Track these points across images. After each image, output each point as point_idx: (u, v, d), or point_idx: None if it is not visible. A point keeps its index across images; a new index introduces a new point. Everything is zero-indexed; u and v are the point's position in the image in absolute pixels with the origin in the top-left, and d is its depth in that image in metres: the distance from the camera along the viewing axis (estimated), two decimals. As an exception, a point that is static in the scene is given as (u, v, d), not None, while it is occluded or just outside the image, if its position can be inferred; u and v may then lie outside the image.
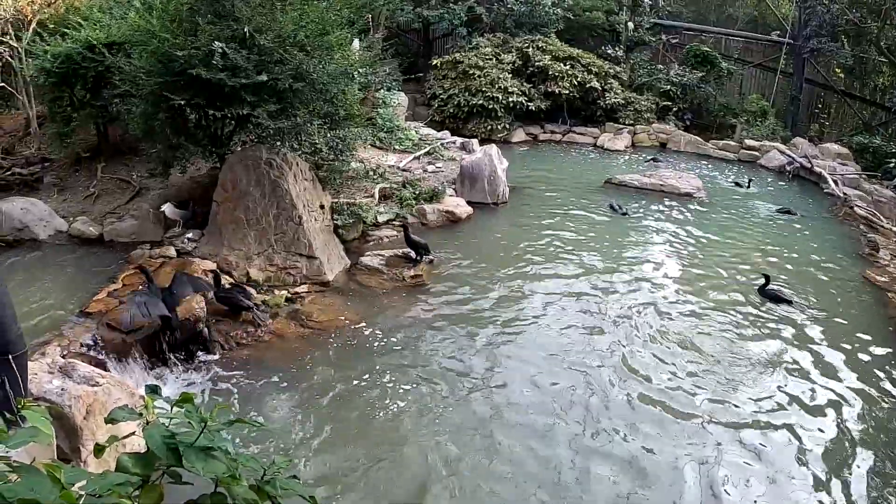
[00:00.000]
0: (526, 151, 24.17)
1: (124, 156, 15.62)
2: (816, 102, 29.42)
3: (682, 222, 16.92)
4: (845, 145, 24.34)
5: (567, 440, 8.68)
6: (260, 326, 10.78)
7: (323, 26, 12.15)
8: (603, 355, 10.61)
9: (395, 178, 16.78)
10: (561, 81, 25.30)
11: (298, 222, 12.42)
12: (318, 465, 8.10)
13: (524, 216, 16.70)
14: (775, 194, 20.43)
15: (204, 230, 12.82)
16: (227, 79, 11.05)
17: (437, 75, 26.30)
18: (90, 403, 6.61)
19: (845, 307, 12.93)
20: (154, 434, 2.71)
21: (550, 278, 13.22)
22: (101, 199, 14.51)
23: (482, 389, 9.67)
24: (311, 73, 11.82)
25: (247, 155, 12.69)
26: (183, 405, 2.87)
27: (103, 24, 13.87)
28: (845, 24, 26.17)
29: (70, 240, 13.47)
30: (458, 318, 11.58)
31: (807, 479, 8.27)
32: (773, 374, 10.45)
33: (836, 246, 16.28)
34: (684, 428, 9.01)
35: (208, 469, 2.69)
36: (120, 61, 12.08)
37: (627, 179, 19.63)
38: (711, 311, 12.33)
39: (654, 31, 29.47)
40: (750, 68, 29.58)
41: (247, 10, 11.36)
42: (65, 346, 9.21)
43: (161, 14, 11.78)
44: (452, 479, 7.99)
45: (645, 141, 25.64)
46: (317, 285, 12.32)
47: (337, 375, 9.84)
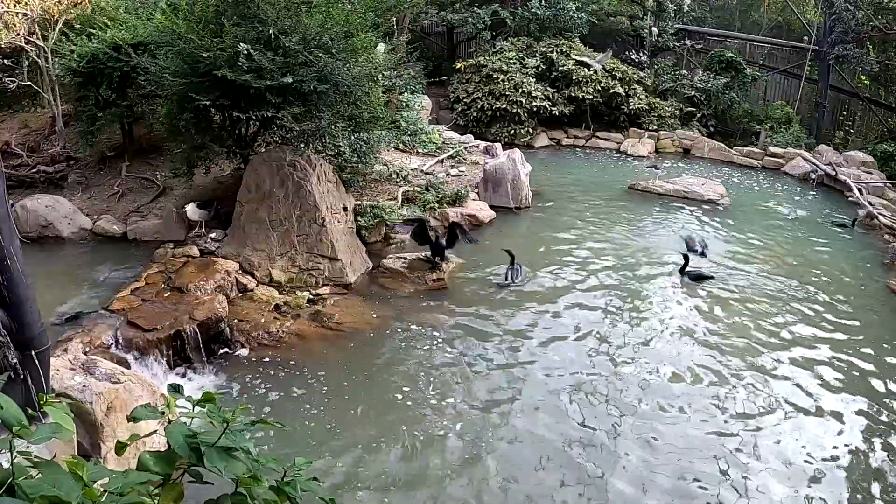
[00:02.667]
0: (549, 156, 24.11)
1: (148, 155, 15.69)
2: (841, 110, 29.18)
3: (707, 229, 16.83)
4: (870, 153, 24.12)
5: (588, 454, 8.69)
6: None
7: (348, 29, 12.17)
8: (623, 370, 10.58)
9: (419, 182, 16.77)
10: (584, 86, 25.20)
11: (321, 224, 12.45)
12: (338, 467, 8.12)
13: (547, 221, 16.66)
14: (799, 202, 20.34)
15: (227, 230, 12.87)
16: (253, 80, 11.08)
17: (460, 79, 26.27)
18: (111, 400, 6.66)
19: (868, 316, 12.84)
20: (176, 433, 2.73)
21: (573, 285, 13.17)
22: (126, 198, 14.60)
23: (499, 398, 9.66)
24: (336, 76, 11.84)
25: (271, 156, 12.74)
26: (205, 405, 2.88)
27: (129, 25, 13.93)
28: (871, 31, 25.97)
29: (94, 237, 13.59)
30: (479, 323, 11.57)
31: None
32: (788, 383, 10.42)
33: (859, 255, 16.16)
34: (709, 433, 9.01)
35: (229, 469, 2.71)
36: (145, 62, 12.14)
37: (651, 186, 19.56)
38: (733, 320, 12.30)
39: (678, 36, 29.33)
40: (774, 74, 29.42)
41: (272, 12, 11.39)
42: (87, 342, 9.28)
43: (187, 15, 11.84)
44: (468, 482, 8.01)
45: (668, 147, 25.52)
46: (338, 287, 12.36)
47: (356, 377, 9.87)
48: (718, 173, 22.56)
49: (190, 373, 9.89)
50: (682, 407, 9.60)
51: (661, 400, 9.72)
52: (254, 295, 11.68)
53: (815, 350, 11.44)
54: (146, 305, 10.45)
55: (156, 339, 9.76)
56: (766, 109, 27.92)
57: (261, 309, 11.26)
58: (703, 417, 9.37)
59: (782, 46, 29.74)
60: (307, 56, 11.48)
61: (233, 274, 11.77)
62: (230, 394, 9.36)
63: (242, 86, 11.24)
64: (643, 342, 11.30)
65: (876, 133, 28.02)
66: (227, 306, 10.78)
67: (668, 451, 8.63)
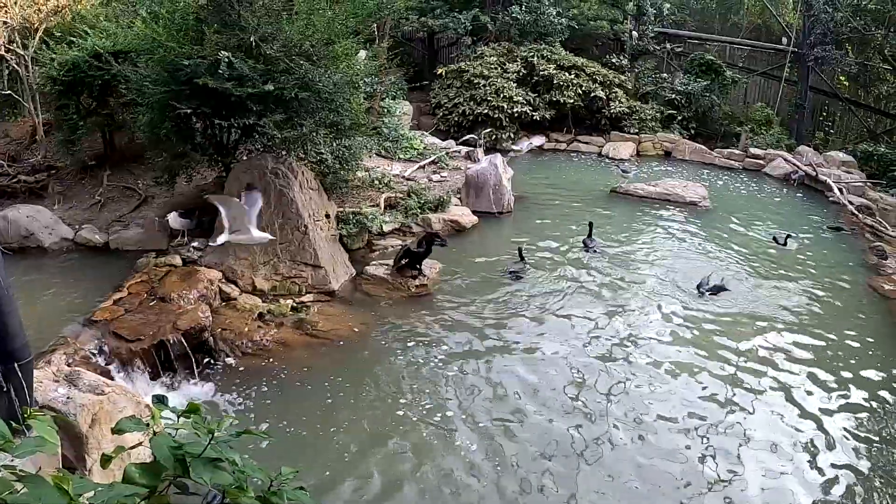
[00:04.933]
0: (531, 161, 24.13)
1: (130, 164, 15.63)
2: (821, 110, 29.36)
3: (688, 231, 16.89)
4: (850, 153, 24.27)
5: (569, 444, 8.71)
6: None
7: (329, 36, 12.16)
8: (608, 375, 10.60)
9: (401, 188, 16.78)
10: (566, 90, 25.28)
11: (304, 231, 12.43)
12: (325, 475, 8.11)
13: (530, 226, 16.68)
14: (780, 202, 20.44)
15: (209, 239, 12.83)
16: (234, 88, 11.06)
17: (441, 84, 26.28)
18: (96, 412, 6.61)
19: (851, 315, 12.94)
20: (161, 445, 2.73)
21: (556, 290, 13.20)
22: (107, 207, 14.54)
23: (485, 401, 9.68)
24: (317, 83, 11.83)
25: (252, 164, 12.72)
26: (190, 415, 2.88)
27: (110, 33, 13.87)
28: (849, 32, 26.11)
29: (76, 247, 13.51)
30: (462, 329, 11.58)
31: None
32: (771, 383, 10.48)
33: (840, 254, 16.26)
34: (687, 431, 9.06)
35: (215, 480, 2.70)
36: (126, 70, 12.11)
37: (633, 189, 19.61)
38: (717, 321, 12.36)
39: (658, 39, 29.42)
40: (754, 77, 29.54)
41: (253, 19, 11.37)
42: (70, 354, 9.22)
43: (167, 23, 11.79)
44: (455, 488, 8.02)
45: (650, 150, 25.58)
46: (322, 294, 12.34)
47: (341, 385, 9.85)
48: (700, 175, 22.64)
49: (174, 383, 9.85)
50: (674, 406, 9.67)
51: (653, 406, 9.76)
52: (237, 304, 11.65)
53: (798, 348, 11.59)
54: (129, 315, 10.38)
55: (139, 350, 9.71)
56: (746, 111, 28.04)
57: (244, 318, 11.22)
58: (690, 417, 9.43)
59: (762, 49, 29.87)
60: (288, 63, 11.47)
61: (216, 283, 11.74)
62: (215, 404, 9.35)
63: (223, 94, 11.20)
64: (629, 345, 11.35)
65: (856, 133, 28.24)
66: (210, 315, 10.74)
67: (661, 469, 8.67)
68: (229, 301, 11.71)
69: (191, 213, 13.23)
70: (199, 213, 13.29)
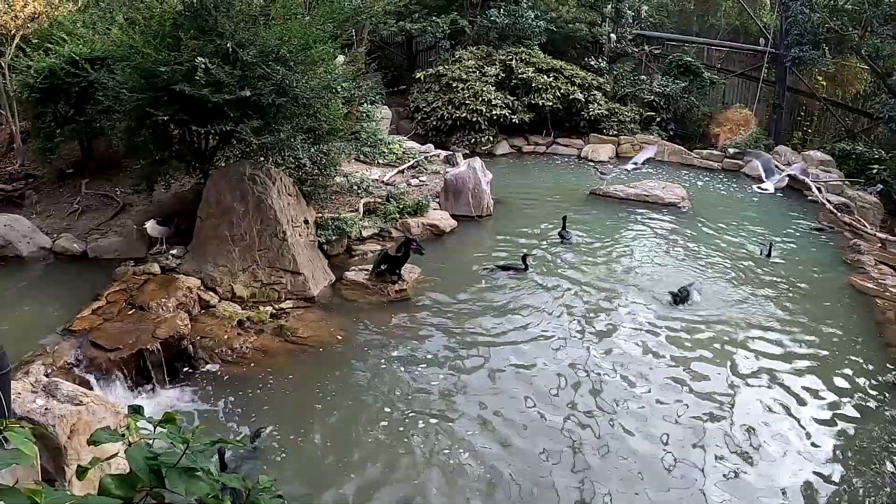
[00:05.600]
0: (510, 164, 24.14)
1: (108, 171, 15.57)
2: (799, 110, 29.52)
3: (668, 233, 16.93)
4: (828, 152, 24.42)
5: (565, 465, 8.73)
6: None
7: (306, 41, 12.13)
8: (585, 374, 10.66)
9: (380, 193, 16.76)
10: (544, 93, 25.27)
11: (283, 238, 12.40)
12: (306, 483, 8.09)
13: (509, 229, 16.68)
14: (759, 202, 20.51)
15: (188, 246, 12.78)
16: (211, 94, 11.02)
17: (420, 88, 26.25)
18: (74, 423, 6.58)
19: (832, 313, 13.05)
20: (136, 455, 2.71)
21: (535, 291, 13.22)
22: (86, 216, 14.47)
23: (464, 404, 9.69)
24: (295, 88, 11.80)
25: (230, 171, 12.69)
26: (165, 425, 2.86)
27: (87, 40, 13.83)
28: (826, 33, 26.21)
29: (54, 256, 13.43)
30: (442, 333, 11.59)
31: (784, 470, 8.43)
32: (752, 385, 10.55)
33: (820, 252, 16.36)
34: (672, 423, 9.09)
35: (191, 490, 2.69)
36: (103, 77, 12.05)
37: (612, 190, 19.64)
38: (702, 317, 12.42)
39: (636, 42, 29.48)
40: (732, 78, 29.66)
41: (230, 25, 11.34)
42: (49, 364, 9.18)
43: (144, 29, 11.73)
44: (438, 493, 8.01)
45: (629, 151, 25.52)
46: (301, 301, 12.32)
47: (321, 391, 9.84)
48: (679, 176, 22.70)
49: (154, 392, 9.80)
50: (656, 401, 9.70)
51: (634, 404, 9.81)
52: (216, 311, 11.62)
53: (779, 344, 11.77)
54: (108, 325, 10.35)
55: (118, 359, 9.66)
56: (725, 112, 28.12)
57: (224, 325, 11.19)
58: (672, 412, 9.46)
59: (740, 50, 29.99)
60: (265, 69, 11.43)
61: (195, 290, 11.70)
62: (194, 412, 9.31)
63: (201, 100, 11.16)
64: (610, 344, 11.43)
65: (833, 132, 28.42)
66: (189, 323, 10.71)
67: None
68: (208, 308, 11.68)
69: (169, 221, 13.18)
70: (178, 221, 13.25)
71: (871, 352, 11.76)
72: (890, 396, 10.51)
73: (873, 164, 22.52)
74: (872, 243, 17.18)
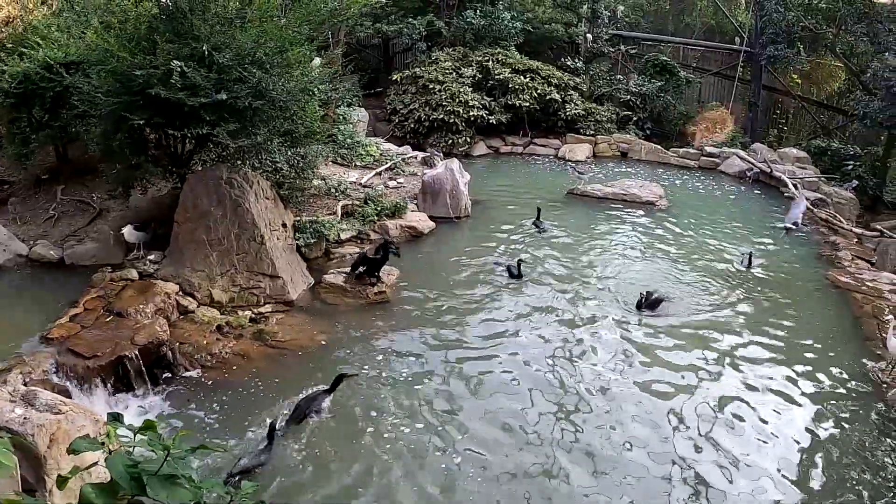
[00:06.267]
0: (488, 164, 24.16)
1: (84, 177, 15.45)
2: (775, 108, 29.72)
3: (645, 231, 16.99)
4: (804, 149, 24.63)
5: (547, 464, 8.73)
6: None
7: (282, 44, 12.08)
8: (566, 368, 10.69)
9: (357, 195, 16.74)
10: (521, 94, 25.32)
11: (260, 241, 12.35)
12: (288, 488, 8.06)
13: (487, 230, 16.70)
14: (736, 200, 20.63)
15: (166, 251, 12.70)
16: (186, 98, 10.96)
17: (397, 90, 26.25)
18: (54, 432, 6.52)
19: (810, 309, 13.17)
20: (117, 463, 2.68)
21: (514, 292, 13.22)
22: (62, 222, 14.36)
23: (447, 407, 9.68)
24: (271, 91, 11.75)
25: (207, 174, 12.62)
26: (145, 432, 2.83)
27: (62, 44, 13.72)
28: (801, 31, 26.40)
29: (30, 264, 13.29)
30: (421, 334, 11.59)
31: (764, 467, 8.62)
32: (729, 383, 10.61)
33: (797, 248, 16.46)
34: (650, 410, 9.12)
35: (172, 498, 2.66)
36: (78, 81, 11.97)
37: (590, 190, 19.68)
38: (680, 311, 12.50)
39: (612, 42, 29.61)
40: (708, 76, 29.82)
41: (205, 28, 11.28)
42: (27, 373, 9.09)
43: (119, 33, 11.65)
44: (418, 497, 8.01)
45: (606, 151, 25.69)
46: (281, 305, 12.27)
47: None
48: (656, 175, 22.77)
49: (133, 399, 9.73)
50: (638, 401, 9.74)
51: (614, 403, 9.83)
52: (195, 316, 11.55)
53: (758, 340, 11.89)
54: (86, 332, 10.26)
55: (97, 367, 9.58)
56: (701, 111, 28.25)
57: (203, 330, 11.14)
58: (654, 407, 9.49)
59: (715, 49, 30.22)
60: (241, 72, 11.38)
61: (173, 296, 11.63)
62: (175, 418, 9.26)
63: (177, 104, 11.10)
64: (590, 343, 11.47)
65: (809, 130, 28.65)
66: (168, 329, 10.65)
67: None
68: (187, 314, 11.61)
69: (146, 226, 13.09)
70: (155, 226, 13.17)
71: (850, 346, 11.86)
72: (871, 389, 10.59)
73: (848, 161, 22.79)
74: (849, 238, 17.32)
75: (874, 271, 15.22)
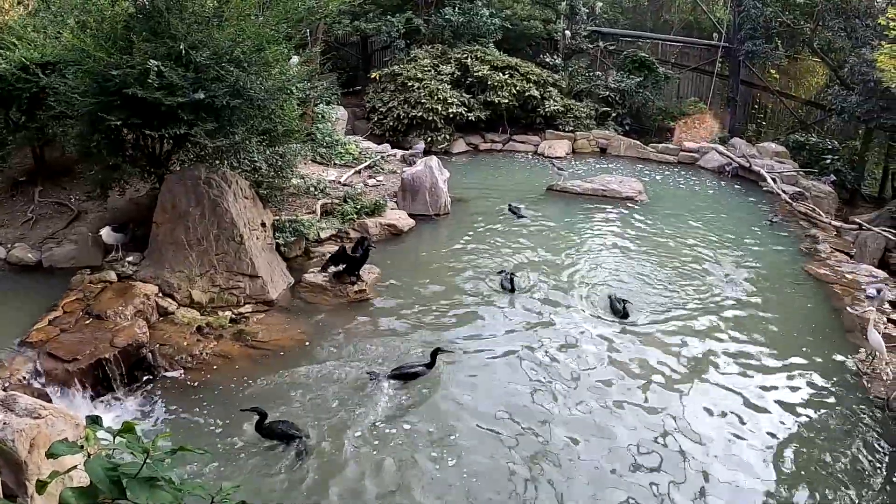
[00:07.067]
0: (467, 162, 24.17)
1: (62, 179, 15.34)
2: (753, 103, 29.89)
3: (625, 225, 17.04)
4: (782, 144, 24.77)
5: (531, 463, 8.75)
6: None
7: (260, 42, 12.02)
8: (540, 363, 10.81)
9: (337, 194, 16.71)
10: (500, 91, 25.31)
11: (240, 241, 12.30)
12: (271, 490, 8.05)
13: (466, 227, 16.72)
14: (715, 194, 20.71)
15: (144, 252, 12.63)
16: (164, 97, 10.89)
17: (376, 88, 26.23)
18: (34, 437, 6.47)
19: (790, 301, 13.29)
20: (96, 467, 2.66)
21: (493, 288, 13.23)
22: (40, 224, 14.25)
23: (424, 403, 9.70)
24: (249, 90, 11.69)
25: (185, 175, 12.56)
26: (125, 435, 2.81)
27: (38, 44, 13.60)
28: (779, 27, 26.52)
29: (8, 267, 13.18)
30: (402, 332, 11.62)
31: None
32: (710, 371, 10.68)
33: (776, 241, 16.54)
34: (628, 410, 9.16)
35: (153, 500, 2.64)
36: (55, 82, 11.87)
37: (569, 185, 19.71)
38: (658, 306, 12.55)
39: (591, 38, 29.61)
40: (687, 72, 29.91)
41: (182, 27, 11.21)
42: (5, 378, 9.04)
43: (95, 32, 11.56)
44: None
45: (585, 147, 25.76)
46: (261, 304, 12.25)
47: (282, 395, 9.78)
48: (636, 170, 22.83)
49: (114, 402, 9.68)
50: (621, 403, 9.75)
51: (599, 398, 9.88)
52: (175, 318, 11.50)
53: (738, 332, 12.02)
54: (65, 335, 10.20)
55: (77, 370, 9.53)
56: (679, 106, 28.33)
57: (183, 332, 11.10)
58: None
59: (694, 45, 30.33)
60: (219, 71, 11.31)
61: (152, 297, 11.58)
62: (155, 421, 9.22)
63: (154, 103, 11.03)
64: (562, 344, 11.53)
65: (787, 124, 28.79)
66: (147, 331, 10.60)
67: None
68: (167, 315, 11.56)
69: (124, 227, 12.99)
70: (133, 227, 13.08)
71: (829, 337, 11.96)
72: (851, 380, 10.67)
73: (826, 155, 22.93)
74: (828, 232, 17.44)
75: (853, 264, 15.34)
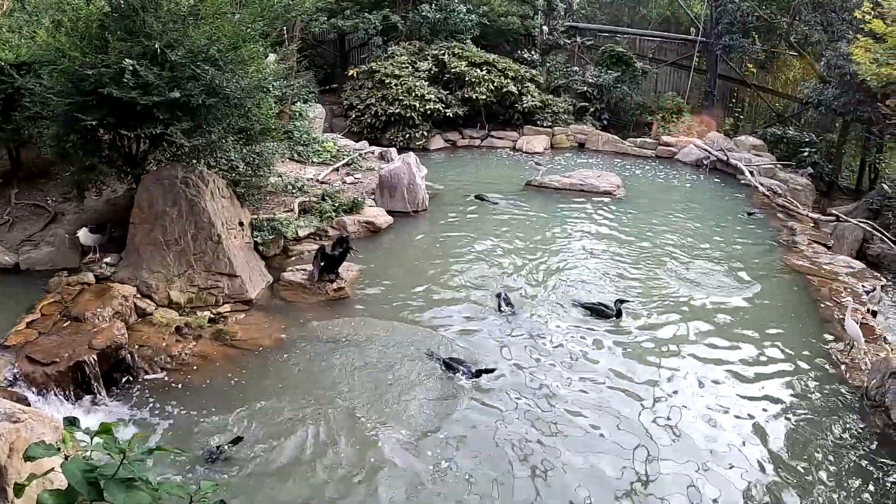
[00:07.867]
0: (445, 158, 24.17)
1: (38, 180, 15.24)
2: (731, 97, 30.05)
3: (603, 219, 17.10)
4: (760, 137, 24.97)
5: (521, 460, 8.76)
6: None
7: (236, 40, 11.96)
8: (523, 360, 10.86)
9: (315, 192, 16.68)
10: (478, 87, 25.33)
11: (217, 241, 12.26)
12: (251, 489, 8.02)
13: (445, 223, 16.76)
14: (693, 188, 20.81)
15: (122, 253, 12.57)
16: (139, 97, 10.83)
17: (353, 86, 26.19)
18: (13, 441, 6.43)
19: (768, 293, 13.39)
20: (73, 469, 2.64)
21: (472, 284, 13.26)
22: (16, 227, 14.14)
23: (411, 406, 9.69)
24: (225, 88, 11.64)
25: (162, 174, 12.49)
26: (102, 436, 2.79)
27: (12, 45, 13.50)
28: (756, 21, 26.68)
29: (-15, 270, 13.11)
30: (381, 332, 11.55)
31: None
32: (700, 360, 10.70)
33: (755, 234, 16.64)
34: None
35: (130, 501, 2.62)
36: (29, 82, 11.78)
37: (547, 181, 19.75)
38: (638, 297, 12.64)
39: (568, 34, 29.70)
40: (664, 67, 30.02)
41: (158, 25, 11.15)
42: (-16, 383, 8.98)
43: (70, 32, 11.48)
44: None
45: (563, 142, 25.82)
46: (240, 304, 12.22)
47: (262, 394, 9.76)
48: (614, 165, 22.91)
49: (94, 404, 9.62)
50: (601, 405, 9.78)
51: (584, 390, 9.90)
52: (153, 318, 11.45)
53: (716, 324, 12.14)
54: (43, 338, 10.13)
55: (55, 373, 9.47)
56: (657, 101, 28.42)
57: (161, 332, 11.05)
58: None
59: (671, 39, 30.47)
60: (194, 69, 11.25)
61: (130, 298, 11.52)
62: (134, 422, 9.19)
63: (129, 103, 10.96)
64: (541, 342, 11.55)
65: (765, 118, 28.96)
66: (126, 332, 10.52)
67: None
68: (145, 316, 11.51)
69: (102, 228, 12.91)
70: (111, 228, 13.01)
71: (808, 328, 12.05)
72: (829, 370, 10.75)
73: (804, 148, 23.11)
74: (805, 223, 17.57)
75: (830, 255, 15.47)
